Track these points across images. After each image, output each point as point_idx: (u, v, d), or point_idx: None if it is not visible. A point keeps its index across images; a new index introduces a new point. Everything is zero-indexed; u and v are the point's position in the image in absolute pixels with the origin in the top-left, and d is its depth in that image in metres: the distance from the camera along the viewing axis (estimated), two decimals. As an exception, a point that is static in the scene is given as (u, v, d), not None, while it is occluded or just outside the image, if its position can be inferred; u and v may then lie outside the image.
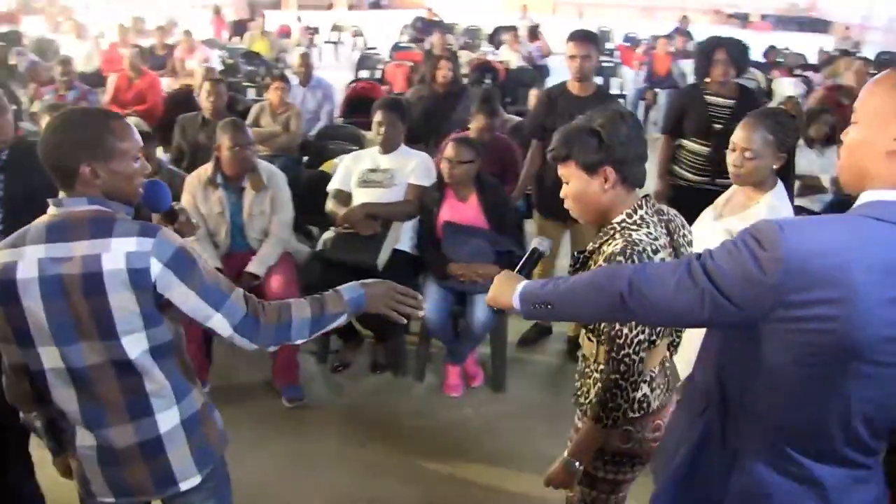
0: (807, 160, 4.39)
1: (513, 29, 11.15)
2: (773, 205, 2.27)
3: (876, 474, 1.30)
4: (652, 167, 2.39)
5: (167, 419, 1.61)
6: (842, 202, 3.80)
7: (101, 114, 1.62)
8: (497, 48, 10.95)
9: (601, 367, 1.76)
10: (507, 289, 1.56)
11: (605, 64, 8.87)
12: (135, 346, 1.53)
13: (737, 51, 3.57)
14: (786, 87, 7.99)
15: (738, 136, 2.34)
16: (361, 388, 3.52)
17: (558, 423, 2.71)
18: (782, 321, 1.16)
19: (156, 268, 1.50)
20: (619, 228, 1.68)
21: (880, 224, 1.15)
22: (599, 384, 1.73)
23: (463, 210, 3.38)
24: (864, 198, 1.20)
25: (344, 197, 3.54)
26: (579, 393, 1.89)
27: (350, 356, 3.65)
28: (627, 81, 9.63)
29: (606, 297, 1.33)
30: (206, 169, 3.34)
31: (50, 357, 1.52)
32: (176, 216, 2.01)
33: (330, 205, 3.56)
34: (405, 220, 3.52)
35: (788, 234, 1.14)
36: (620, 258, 1.58)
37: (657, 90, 8.78)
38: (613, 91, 8.80)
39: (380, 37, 14.21)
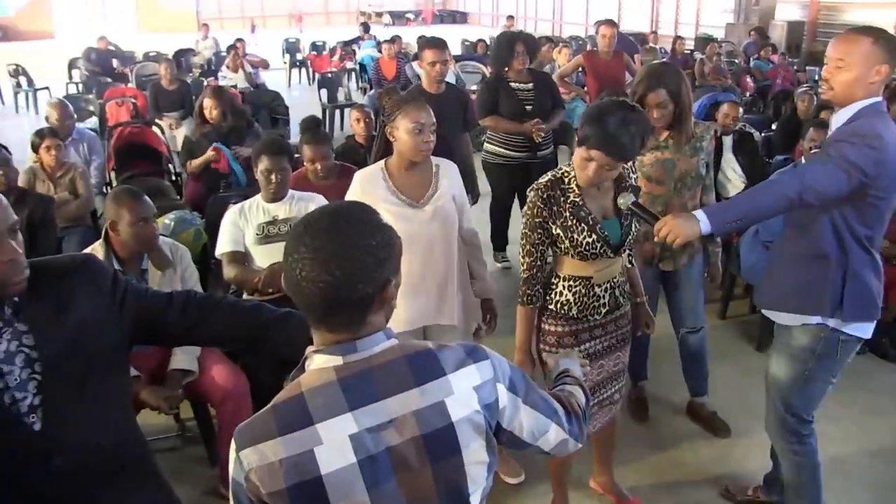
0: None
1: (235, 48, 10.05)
2: None
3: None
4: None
5: None
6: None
7: (361, 205, 1.20)
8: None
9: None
10: (689, 225, 1.95)
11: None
12: None
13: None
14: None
15: None
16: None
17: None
18: (879, 177, 1.98)
19: (503, 396, 1.17)
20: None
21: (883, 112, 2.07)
22: None
23: None
24: (858, 105, 2.03)
25: (241, 259, 3.05)
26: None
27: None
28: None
29: (785, 199, 1.98)
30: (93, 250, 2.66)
31: None
32: None
33: (232, 271, 3.02)
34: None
35: (882, 130, 1.98)
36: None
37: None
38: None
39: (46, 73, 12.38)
